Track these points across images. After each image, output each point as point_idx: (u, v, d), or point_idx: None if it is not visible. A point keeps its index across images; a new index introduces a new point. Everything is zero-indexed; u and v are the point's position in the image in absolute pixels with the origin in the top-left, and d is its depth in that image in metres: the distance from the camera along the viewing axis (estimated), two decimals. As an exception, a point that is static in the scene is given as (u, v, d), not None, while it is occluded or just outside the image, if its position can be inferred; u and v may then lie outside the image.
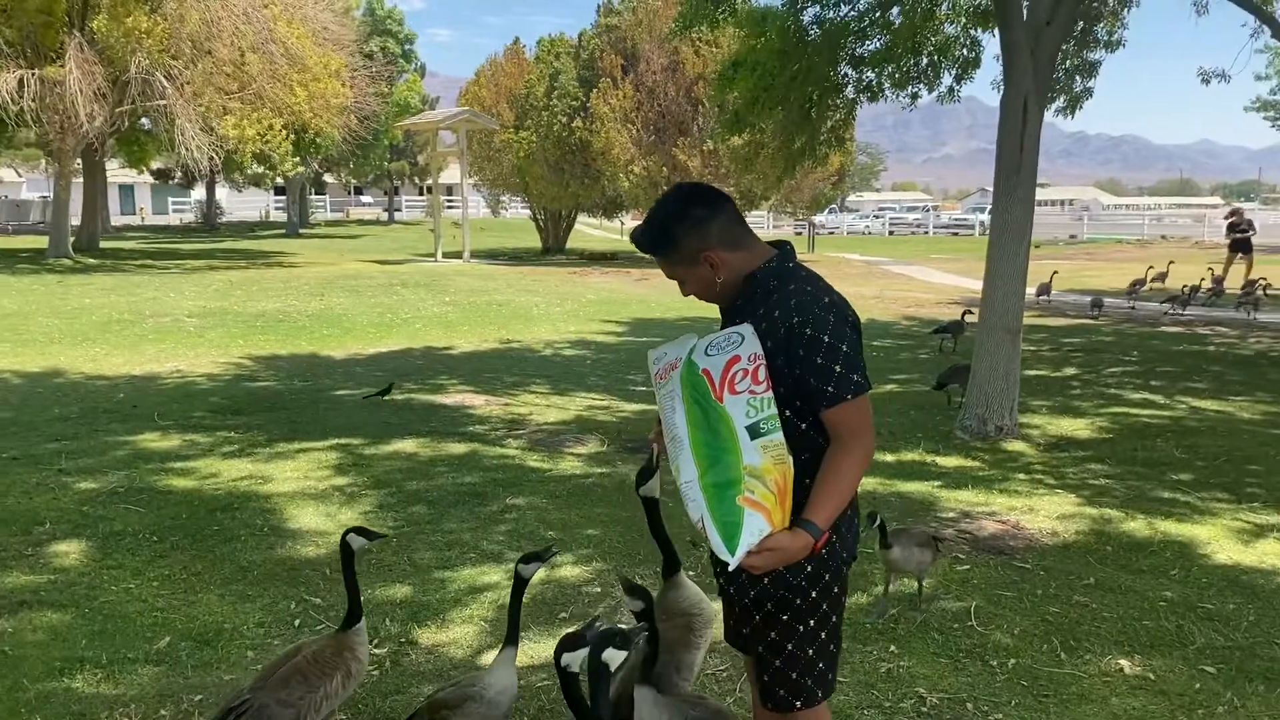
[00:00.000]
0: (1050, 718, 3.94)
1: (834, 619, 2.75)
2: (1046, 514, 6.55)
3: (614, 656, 2.52)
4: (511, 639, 3.40)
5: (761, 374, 2.55)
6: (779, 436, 2.53)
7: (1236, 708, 4.01)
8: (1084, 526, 6.29)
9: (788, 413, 2.58)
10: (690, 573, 4.56)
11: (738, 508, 2.45)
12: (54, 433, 8.72)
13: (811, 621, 2.71)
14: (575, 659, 2.58)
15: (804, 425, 2.60)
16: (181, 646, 4.58)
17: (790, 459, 2.54)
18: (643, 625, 2.83)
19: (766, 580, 2.65)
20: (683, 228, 2.68)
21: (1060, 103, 13.02)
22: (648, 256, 2.79)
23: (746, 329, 2.60)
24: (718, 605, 3.10)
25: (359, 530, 3.73)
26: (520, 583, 3.41)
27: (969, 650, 4.54)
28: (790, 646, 2.71)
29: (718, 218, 2.69)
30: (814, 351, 2.55)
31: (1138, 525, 6.29)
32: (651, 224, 2.72)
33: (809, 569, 2.65)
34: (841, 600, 2.76)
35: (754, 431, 2.50)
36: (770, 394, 2.55)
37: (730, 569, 2.50)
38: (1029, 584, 5.34)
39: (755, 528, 2.45)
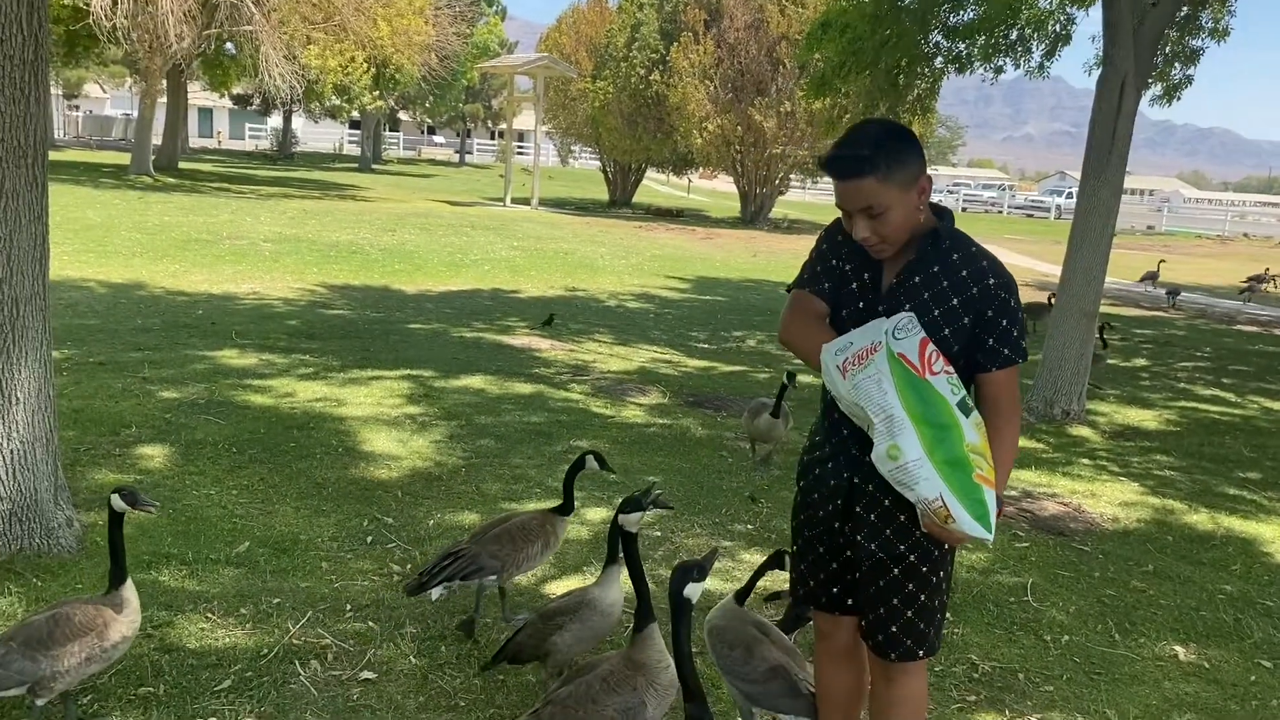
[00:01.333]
0: (1101, 694, 3.99)
1: (950, 570, 2.87)
2: (1108, 500, 6.53)
3: (694, 590, 2.62)
4: (612, 557, 3.59)
5: (945, 356, 2.61)
6: (977, 413, 2.62)
7: (1291, 702, 4.03)
8: (1146, 515, 6.27)
9: None
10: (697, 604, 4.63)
11: (977, 485, 2.53)
12: (137, 342, 9.02)
13: (942, 572, 2.82)
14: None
15: None
16: (260, 552, 4.78)
17: None
18: (714, 549, 2.94)
19: (919, 534, 2.72)
20: (904, 146, 2.59)
21: (1157, 90, 12.68)
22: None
23: (912, 315, 2.62)
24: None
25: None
26: (624, 535, 3.24)
27: (1023, 624, 4.58)
28: (924, 597, 2.80)
29: (922, 151, 2.64)
30: (1003, 314, 2.66)
31: (1201, 518, 6.26)
32: (866, 140, 2.58)
33: None
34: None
35: (963, 408, 2.56)
36: (956, 374, 2.61)
37: (990, 544, 2.61)
38: (1087, 566, 5.36)
39: (993, 501, 2.55)
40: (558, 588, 4.62)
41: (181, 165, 35.41)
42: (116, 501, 3.34)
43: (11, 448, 4.35)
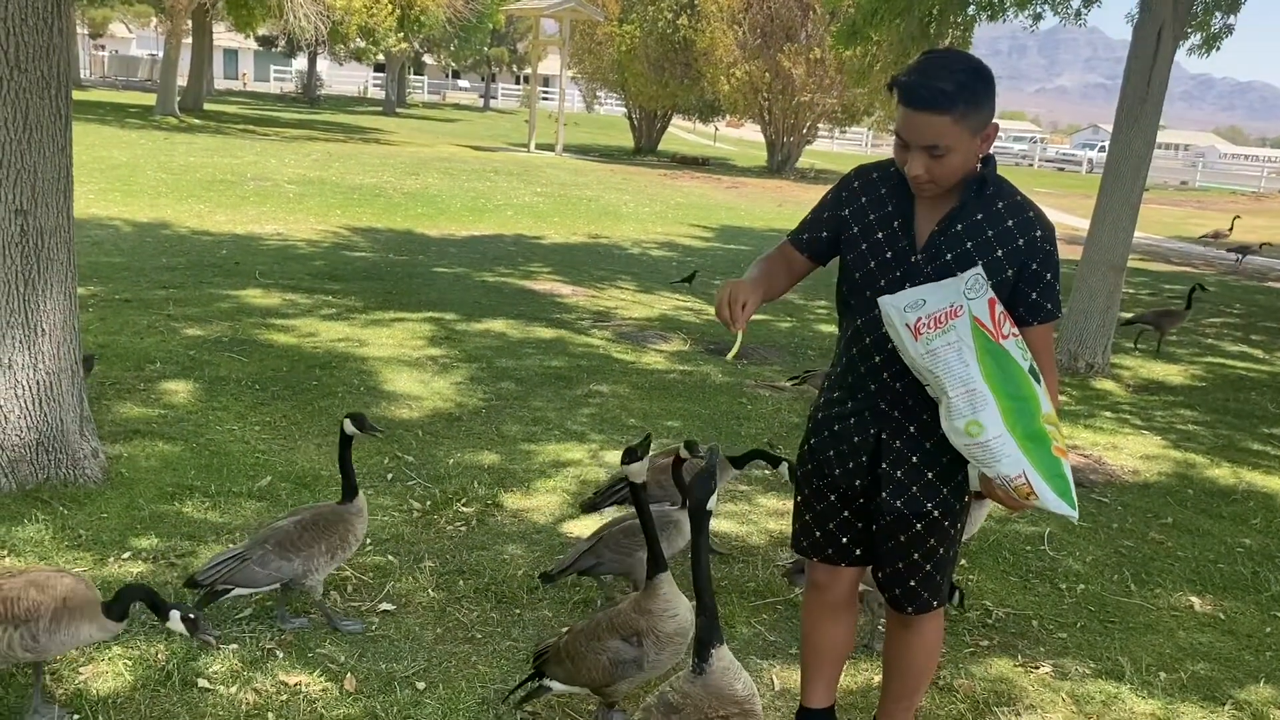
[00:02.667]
0: (1114, 643, 3.99)
1: (966, 519, 2.86)
2: (1130, 453, 6.50)
3: (713, 501, 2.55)
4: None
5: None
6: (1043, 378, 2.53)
7: (1306, 654, 4.02)
8: (1167, 468, 6.24)
9: None
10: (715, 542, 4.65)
11: (1057, 459, 2.44)
12: (162, 280, 9.08)
13: (960, 523, 2.81)
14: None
15: None
16: (281, 486, 4.84)
17: None
18: (712, 448, 2.67)
19: (947, 490, 2.70)
20: (985, 89, 2.45)
21: (1195, 40, 12.38)
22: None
23: (980, 272, 2.49)
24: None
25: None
26: (631, 486, 3.18)
27: (1039, 572, 4.59)
28: (942, 550, 2.79)
29: (995, 97, 2.51)
30: (1048, 267, 2.57)
31: (1222, 473, 6.22)
32: (951, 74, 2.40)
33: (960, 476, 2.73)
34: None
35: (1035, 375, 2.46)
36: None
37: (1076, 519, 2.63)
38: (1105, 517, 5.35)
39: (1070, 474, 2.48)
40: (575, 527, 4.66)
41: (206, 106, 35.36)
42: (348, 425, 3.66)
43: (38, 378, 4.40)
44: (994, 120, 2.49)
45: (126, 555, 4.00)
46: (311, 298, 8.92)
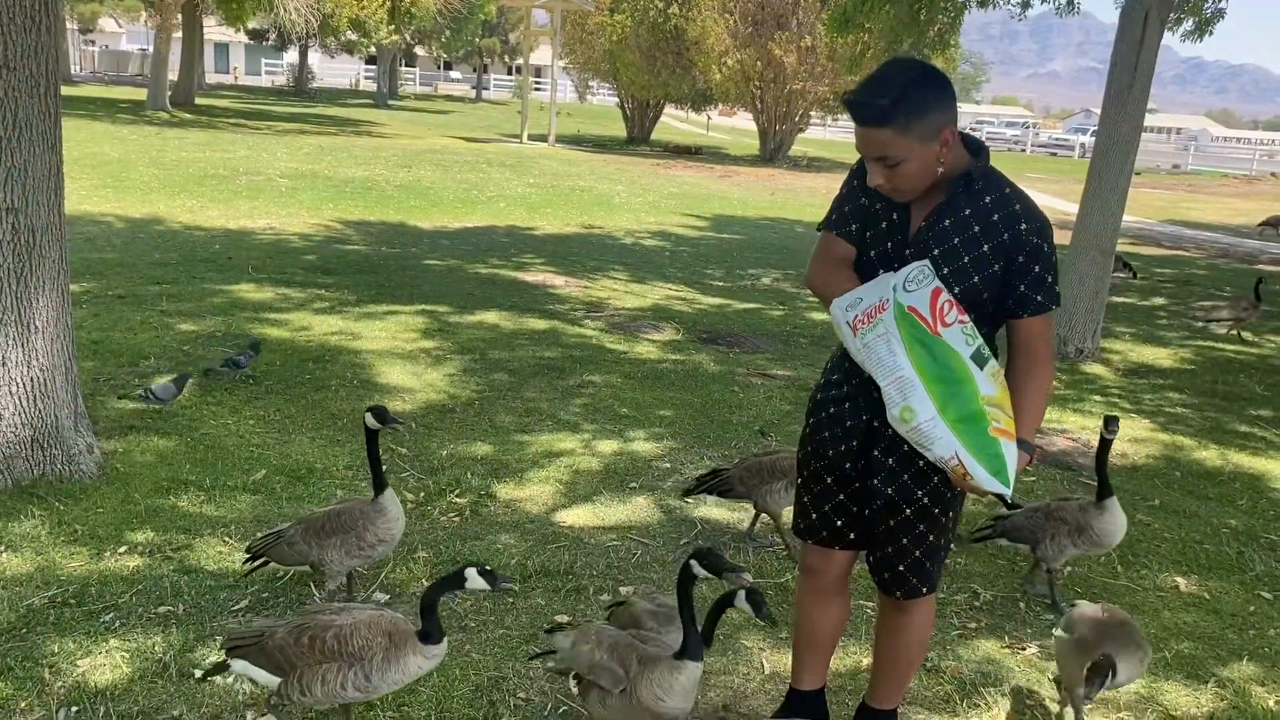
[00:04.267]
0: (1101, 623, 4.04)
1: (959, 510, 2.89)
2: (1118, 436, 6.50)
3: (700, 571, 2.78)
4: None
5: (960, 305, 2.54)
6: (996, 362, 2.57)
7: (1288, 632, 4.08)
8: (1155, 451, 6.30)
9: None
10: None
11: (993, 439, 2.49)
12: (155, 276, 9.09)
13: (952, 513, 2.85)
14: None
15: (983, 331, 2.62)
16: (276, 480, 4.88)
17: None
18: (740, 569, 2.84)
19: (937, 479, 2.74)
20: (930, 96, 2.45)
21: (1188, 25, 12.38)
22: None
23: (928, 265, 2.54)
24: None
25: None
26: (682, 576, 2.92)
27: (1026, 555, 4.63)
28: (932, 537, 2.83)
29: (953, 98, 2.51)
30: (1036, 260, 2.59)
31: (1210, 455, 6.28)
32: (889, 87, 2.43)
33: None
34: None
35: (978, 360, 2.51)
36: (973, 322, 2.55)
37: (1010, 500, 2.63)
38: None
39: (1012, 454, 2.53)
40: (568, 516, 4.70)
41: (198, 101, 35.26)
42: (370, 420, 3.73)
43: (32, 375, 4.43)
44: (952, 123, 2.50)
45: (123, 549, 4.04)
46: (304, 291, 8.94)
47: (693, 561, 2.82)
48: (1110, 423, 4.03)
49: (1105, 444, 4.04)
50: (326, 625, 2.90)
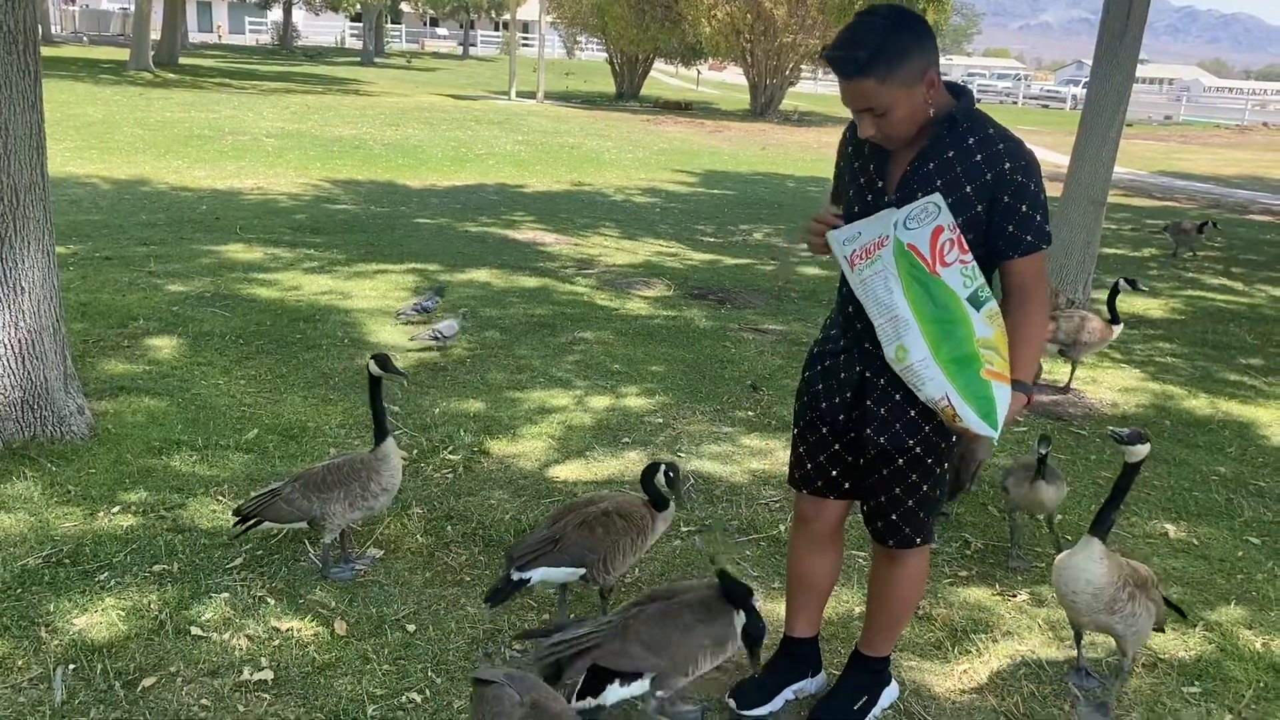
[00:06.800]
0: (1090, 570, 4.07)
1: (952, 460, 2.90)
2: (1109, 386, 6.58)
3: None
4: None
5: (963, 243, 2.51)
6: (994, 303, 2.55)
7: (1276, 576, 4.12)
8: (1145, 400, 6.33)
9: None
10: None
11: (984, 381, 2.49)
12: (143, 237, 9.03)
13: (946, 463, 2.85)
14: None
15: None
16: (269, 439, 4.87)
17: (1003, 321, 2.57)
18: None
19: (929, 428, 2.74)
20: (908, 41, 2.44)
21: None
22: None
23: (938, 199, 2.51)
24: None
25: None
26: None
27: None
28: (925, 487, 2.84)
29: (932, 39, 2.50)
30: (1022, 199, 2.56)
31: (1199, 403, 6.31)
32: (866, 38, 2.42)
33: None
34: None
35: (975, 301, 2.49)
36: (975, 262, 2.53)
37: (996, 442, 2.64)
38: (1083, 449, 5.43)
39: (1004, 397, 2.52)
40: (561, 471, 4.72)
41: (182, 61, 34.81)
42: (373, 366, 3.71)
43: (19, 336, 4.40)
44: (934, 66, 2.49)
45: (116, 509, 4.04)
46: (293, 251, 8.89)
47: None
48: (1042, 442, 3.98)
49: (1042, 460, 3.98)
50: (603, 512, 3.28)
